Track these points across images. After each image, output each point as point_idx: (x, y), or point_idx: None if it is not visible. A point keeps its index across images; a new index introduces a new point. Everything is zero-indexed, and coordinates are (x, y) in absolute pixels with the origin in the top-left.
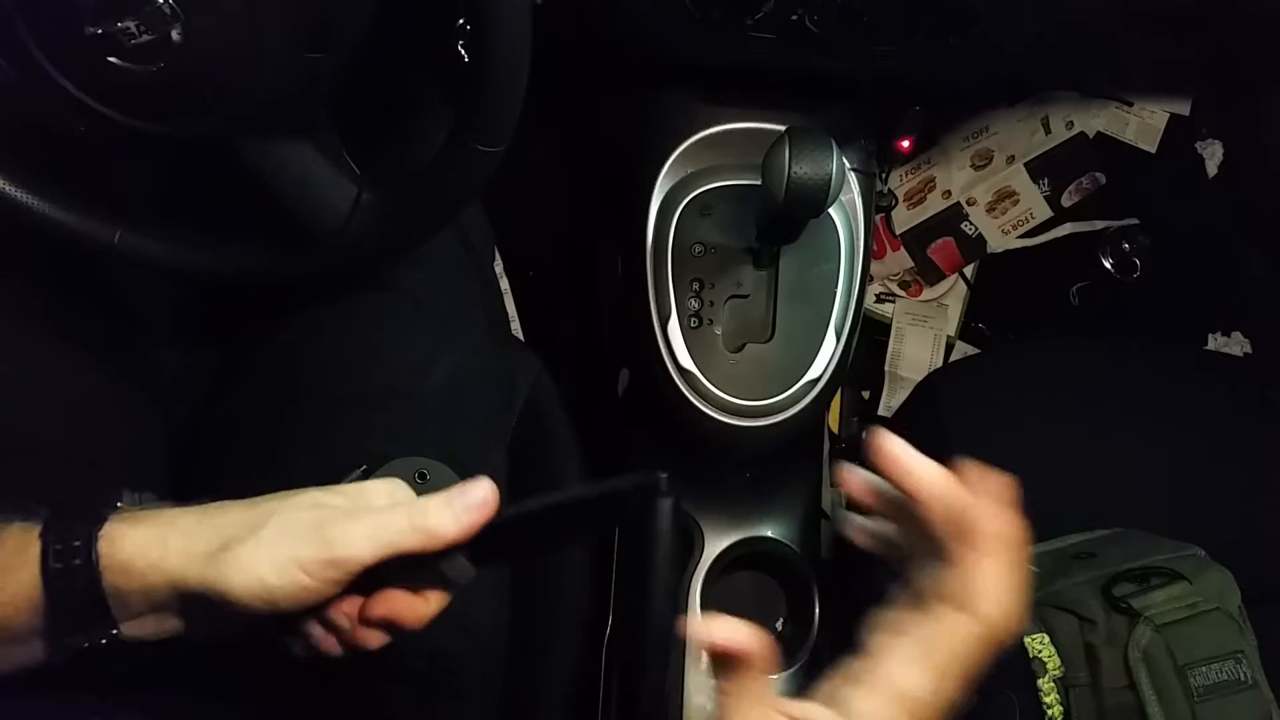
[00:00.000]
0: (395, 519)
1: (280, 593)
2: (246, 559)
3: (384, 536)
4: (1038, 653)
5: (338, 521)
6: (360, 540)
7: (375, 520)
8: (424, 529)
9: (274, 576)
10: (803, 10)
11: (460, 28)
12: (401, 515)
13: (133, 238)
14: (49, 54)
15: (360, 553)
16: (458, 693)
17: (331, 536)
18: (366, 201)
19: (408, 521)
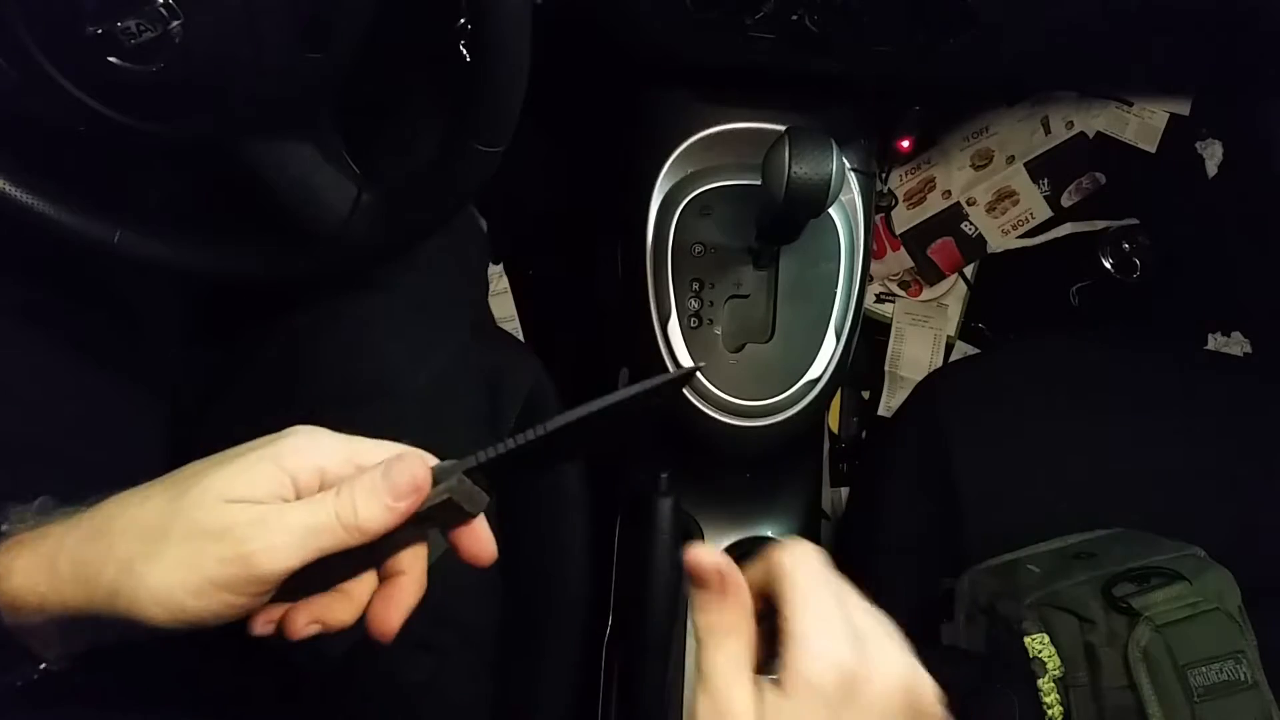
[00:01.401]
0: (321, 520)
1: (204, 613)
2: (157, 584)
3: (311, 543)
4: (1038, 653)
5: (255, 535)
6: (284, 552)
7: (300, 526)
8: (355, 528)
9: (192, 600)
10: (803, 10)
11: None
12: (328, 514)
13: (133, 238)
14: (49, 54)
15: (286, 565)
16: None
17: (249, 553)
18: (366, 201)
19: (337, 522)
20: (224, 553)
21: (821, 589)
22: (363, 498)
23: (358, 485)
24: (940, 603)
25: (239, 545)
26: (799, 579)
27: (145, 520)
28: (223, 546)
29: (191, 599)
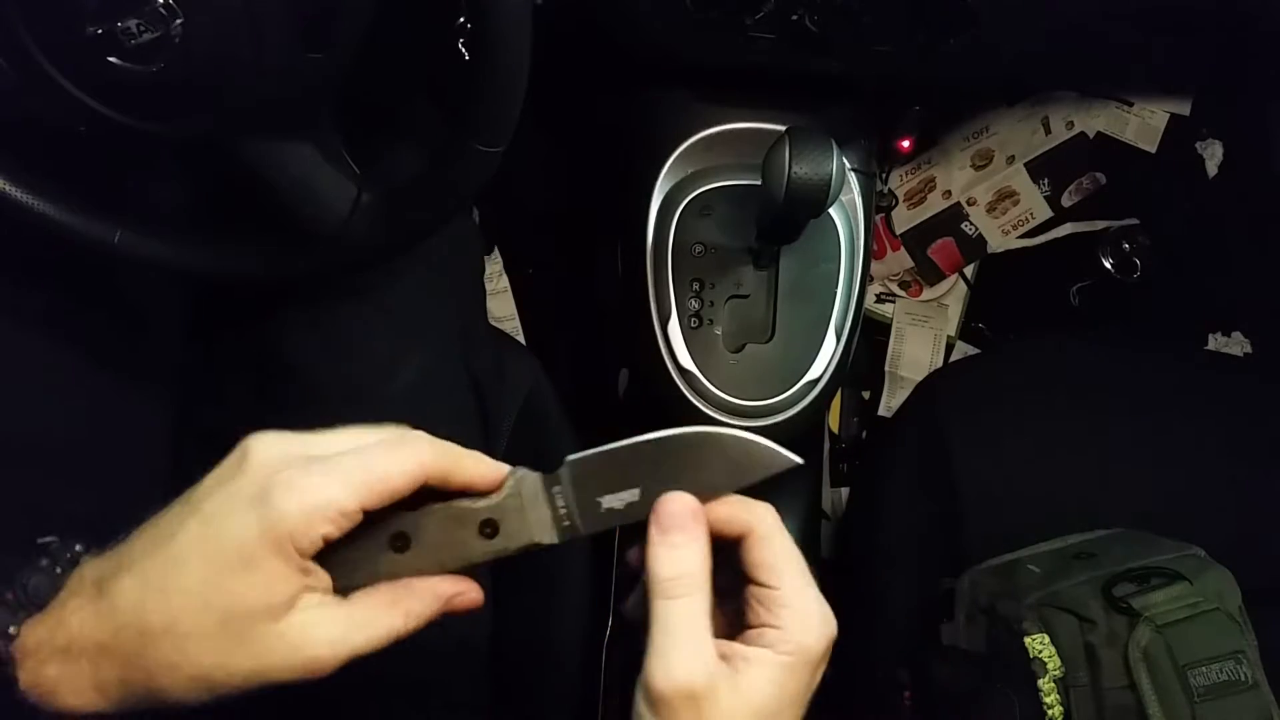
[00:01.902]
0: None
1: None
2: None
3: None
4: (1038, 653)
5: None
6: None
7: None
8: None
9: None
10: (803, 10)
11: (461, 27)
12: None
13: (133, 238)
14: (49, 54)
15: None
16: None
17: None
18: (366, 201)
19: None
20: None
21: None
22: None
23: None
24: (940, 603)
25: (306, 667)
26: (786, 544)
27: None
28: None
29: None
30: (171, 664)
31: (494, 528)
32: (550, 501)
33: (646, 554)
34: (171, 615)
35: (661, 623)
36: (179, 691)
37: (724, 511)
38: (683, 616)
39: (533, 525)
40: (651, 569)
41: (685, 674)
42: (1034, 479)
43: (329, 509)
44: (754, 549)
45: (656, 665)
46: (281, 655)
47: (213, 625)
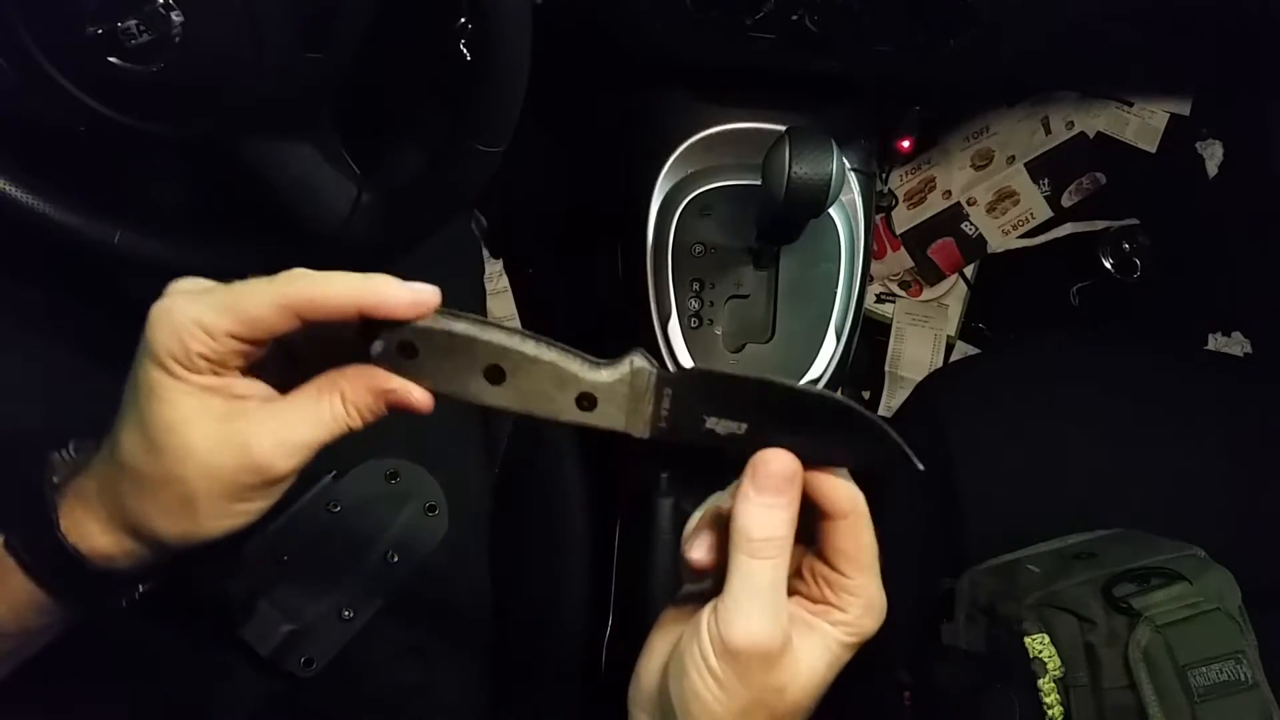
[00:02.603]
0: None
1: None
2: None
3: (316, 438)
4: (1038, 653)
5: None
6: (293, 457)
7: (298, 431)
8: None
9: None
10: (803, 10)
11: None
12: (329, 420)
13: (133, 238)
14: (49, 54)
15: (295, 465)
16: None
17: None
18: (366, 201)
19: (341, 425)
20: (249, 480)
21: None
22: (364, 406)
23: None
24: (940, 603)
25: (259, 473)
26: (871, 536)
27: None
28: (244, 477)
29: (235, 520)
30: (147, 495)
31: (591, 401)
32: (656, 399)
33: (736, 506)
34: (132, 464)
35: (746, 579)
36: (166, 524)
37: (824, 485)
38: (768, 578)
39: (629, 415)
40: (742, 525)
41: (767, 635)
42: (1034, 479)
43: (193, 326)
44: (839, 534)
45: (737, 620)
46: (231, 466)
47: (157, 461)
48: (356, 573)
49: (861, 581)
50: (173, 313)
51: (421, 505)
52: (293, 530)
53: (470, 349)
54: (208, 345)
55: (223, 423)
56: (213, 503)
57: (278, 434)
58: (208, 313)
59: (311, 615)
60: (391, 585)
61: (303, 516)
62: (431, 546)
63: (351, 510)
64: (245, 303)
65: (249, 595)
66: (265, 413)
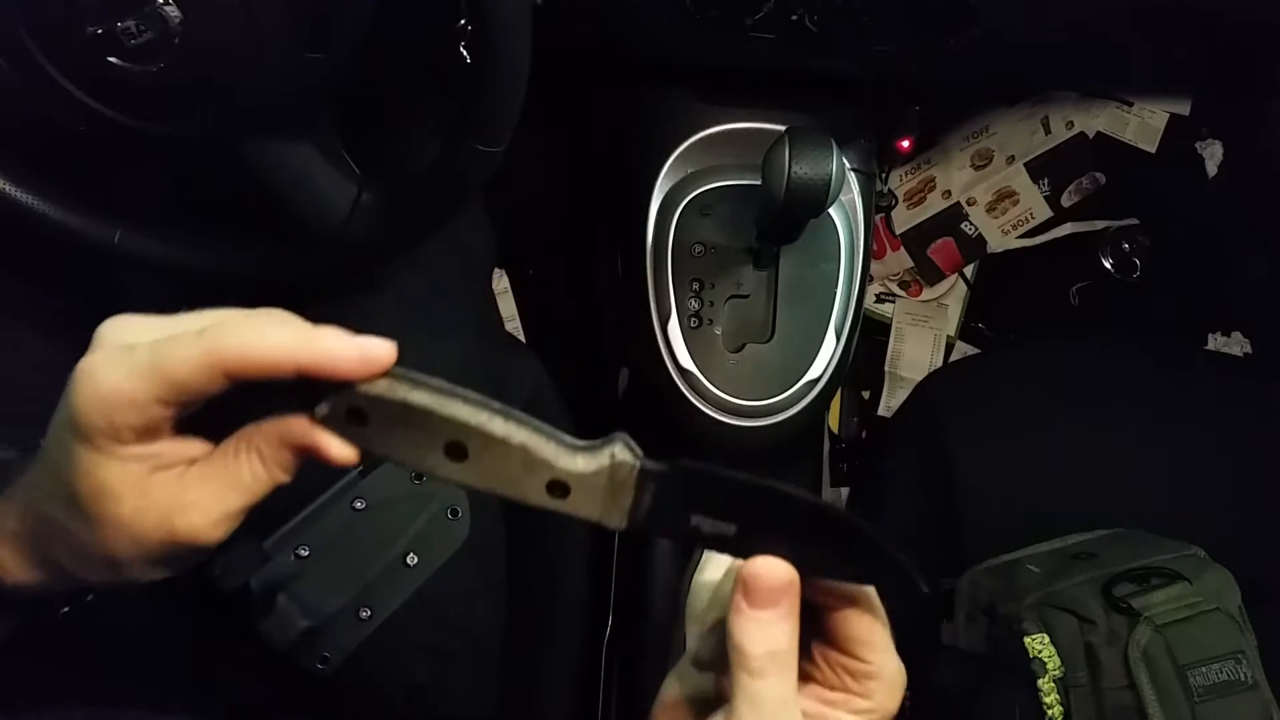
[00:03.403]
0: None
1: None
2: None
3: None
4: (1038, 653)
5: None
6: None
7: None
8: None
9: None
10: (803, 10)
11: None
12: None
13: (133, 237)
14: (49, 54)
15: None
16: (453, 693)
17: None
18: (366, 201)
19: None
20: (175, 550)
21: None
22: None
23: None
24: (940, 603)
25: (187, 541)
26: (883, 617)
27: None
28: (171, 546)
29: (159, 573)
30: (70, 550)
31: (564, 490)
32: (637, 493)
33: (731, 622)
34: (56, 520)
35: (751, 703)
36: (88, 574)
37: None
38: (775, 695)
39: (605, 506)
40: (739, 642)
41: None
42: (1034, 479)
43: (117, 398)
44: (850, 623)
45: None
46: (157, 539)
47: (81, 526)
48: (375, 572)
49: (880, 662)
50: (95, 379)
51: (445, 508)
52: (315, 525)
53: (428, 423)
54: (132, 416)
55: (146, 497)
56: (140, 566)
57: (202, 505)
58: (131, 380)
59: (329, 612)
60: (409, 587)
61: (326, 511)
62: (451, 551)
63: (375, 509)
64: (170, 364)
65: (268, 589)
66: (190, 480)
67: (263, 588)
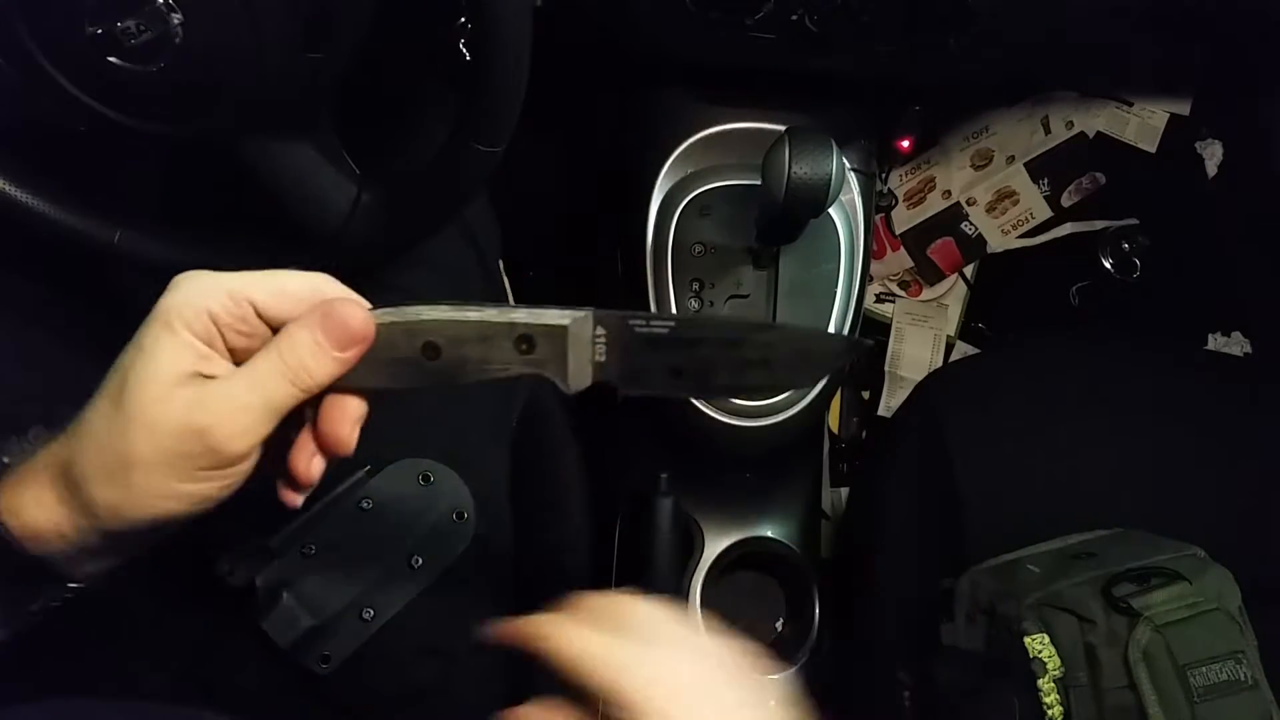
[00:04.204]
0: (272, 390)
1: (196, 500)
2: (141, 496)
3: (272, 412)
4: (1038, 653)
5: (213, 423)
6: (250, 431)
7: (254, 402)
8: (312, 386)
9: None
10: (803, 10)
11: (461, 27)
12: (278, 382)
13: (133, 237)
14: (49, 54)
15: (256, 440)
16: (455, 694)
17: (217, 444)
18: (366, 201)
19: (293, 386)
20: (191, 449)
21: None
22: (309, 355)
23: (298, 342)
24: (940, 603)
25: (202, 439)
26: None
27: (102, 441)
28: (187, 443)
29: (174, 502)
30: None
31: (530, 344)
32: (592, 343)
33: None
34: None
35: None
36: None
37: None
38: None
39: (575, 362)
40: None
41: None
42: (1034, 479)
43: (214, 287)
44: None
45: None
46: (174, 422)
47: (110, 415)
48: (380, 573)
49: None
50: (193, 279)
51: (451, 511)
52: (322, 523)
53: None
54: (223, 307)
55: (182, 386)
56: (151, 471)
57: (223, 401)
58: (229, 279)
59: (332, 611)
60: (413, 589)
61: (333, 509)
62: (456, 554)
63: (382, 509)
64: (275, 277)
65: (273, 587)
66: (221, 386)
67: (268, 586)
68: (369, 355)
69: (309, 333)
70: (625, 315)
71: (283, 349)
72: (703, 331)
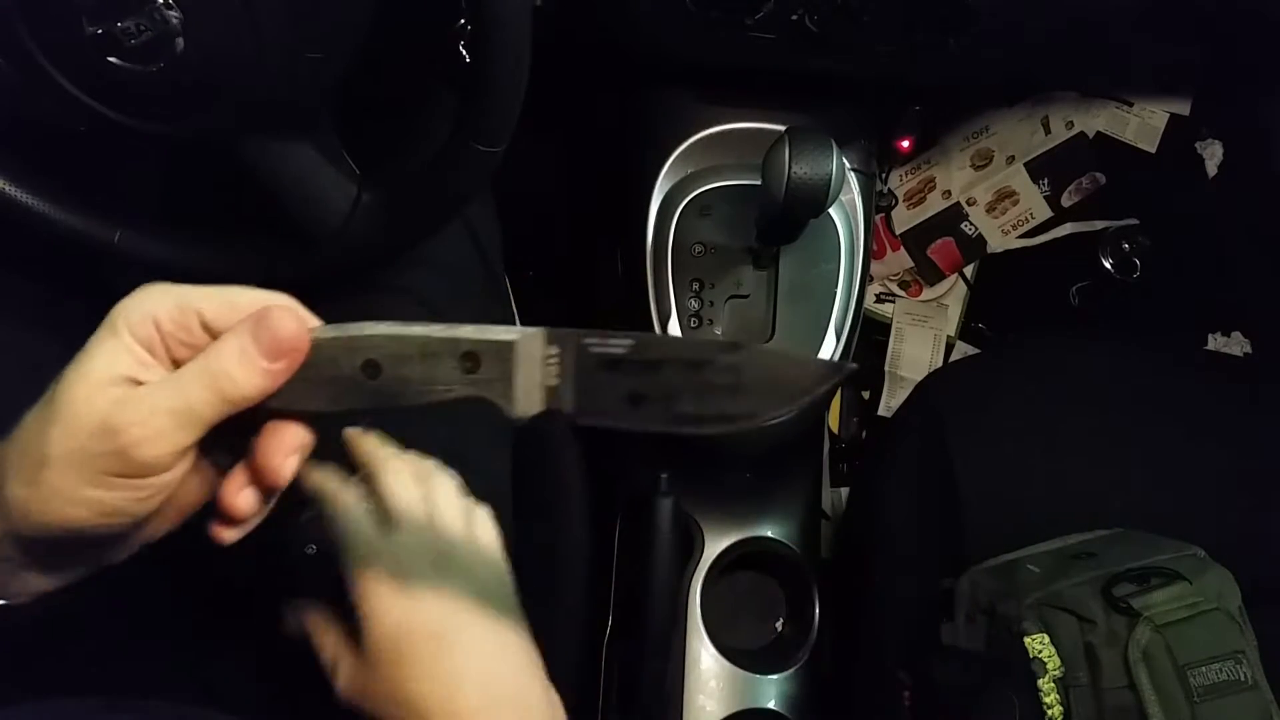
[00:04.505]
0: (194, 397)
1: (109, 512)
2: (51, 497)
3: (193, 421)
4: (1038, 653)
5: (127, 427)
6: (165, 437)
7: (174, 409)
8: (238, 399)
9: (87, 510)
10: (803, 10)
11: (461, 28)
12: (201, 389)
13: (133, 237)
14: (49, 54)
15: (172, 449)
16: None
17: (126, 446)
18: (366, 201)
19: (217, 397)
20: (102, 449)
21: None
22: (234, 363)
23: (225, 350)
24: (940, 603)
25: (114, 440)
26: None
27: (26, 438)
28: (99, 443)
29: (83, 509)
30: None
31: (475, 362)
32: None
33: None
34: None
35: None
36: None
37: None
38: None
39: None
40: None
41: None
42: (1034, 479)
43: (163, 296)
44: None
45: None
46: (93, 421)
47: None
48: None
49: None
50: (145, 289)
51: None
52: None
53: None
54: (168, 314)
55: (111, 387)
56: (62, 470)
57: (144, 405)
58: (176, 289)
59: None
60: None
61: None
62: None
63: None
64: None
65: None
66: (145, 389)
67: (269, 583)
68: (305, 373)
69: (237, 340)
70: (581, 333)
71: (209, 356)
72: (664, 351)
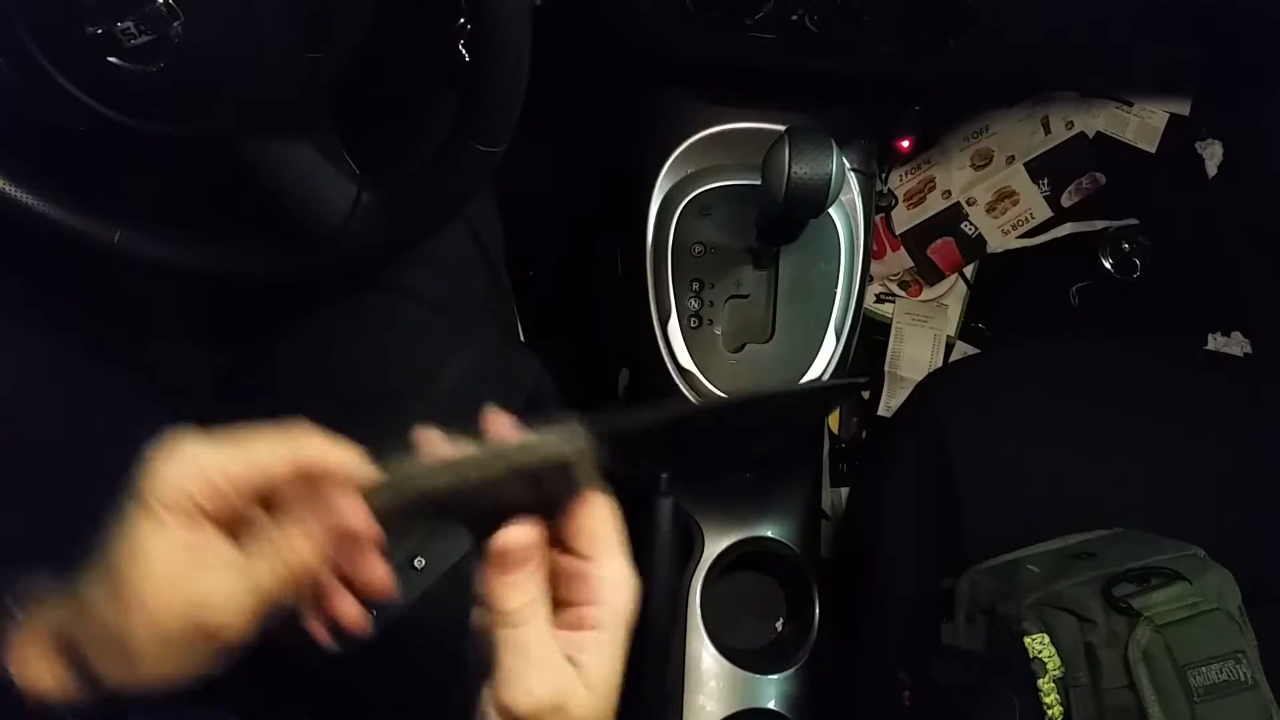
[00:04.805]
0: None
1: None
2: (142, 675)
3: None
4: (1038, 653)
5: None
6: (241, 616)
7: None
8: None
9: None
10: (803, 10)
11: (461, 28)
12: (268, 569)
13: (133, 237)
14: (49, 54)
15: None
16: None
17: (215, 631)
18: (366, 201)
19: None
20: (189, 634)
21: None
22: (304, 548)
23: (298, 547)
24: (940, 603)
25: (200, 627)
26: (605, 507)
27: (108, 624)
28: (185, 630)
29: (179, 675)
30: (91, 636)
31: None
32: None
33: (487, 588)
34: (88, 601)
35: (512, 648)
36: (105, 674)
37: None
38: (532, 638)
39: None
40: (495, 605)
41: (548, 691)
42: (1034, 479)
43: (191, 470)
44: (578, 515)
45: (516, 689)
46: (171, 607)
47: (108, 606)
48: None
49: (603, 558)
50: (175, 454)
51: None
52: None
53: None
54: (204, 491)
55: (177, 577)
56: (154, 655)
57: (220, 589)
58: (210, 455)
59: None
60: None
61: None
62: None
63: None
64: (255, 450)
65: None
66: (216, 580)
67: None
68: None
69: (310, 542)
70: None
71: (280, 545)
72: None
